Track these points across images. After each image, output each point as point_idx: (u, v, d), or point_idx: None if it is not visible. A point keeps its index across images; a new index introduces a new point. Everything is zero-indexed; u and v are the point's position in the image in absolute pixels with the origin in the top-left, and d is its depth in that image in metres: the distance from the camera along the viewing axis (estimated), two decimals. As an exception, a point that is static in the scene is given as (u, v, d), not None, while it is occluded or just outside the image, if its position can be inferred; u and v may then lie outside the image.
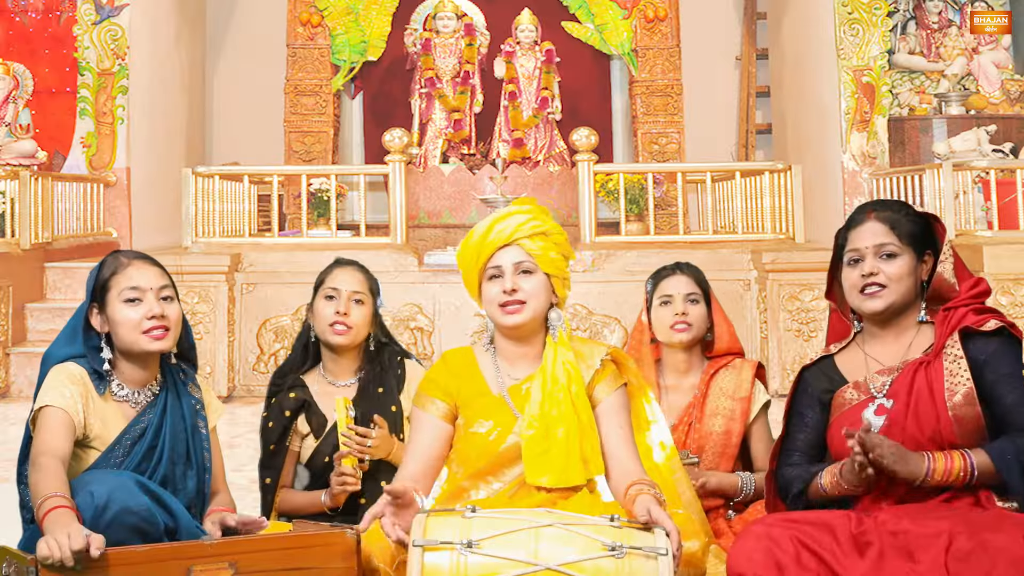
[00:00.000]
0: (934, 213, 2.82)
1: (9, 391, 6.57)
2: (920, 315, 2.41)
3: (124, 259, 2.49)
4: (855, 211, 2.48)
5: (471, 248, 2.44)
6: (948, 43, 8.80)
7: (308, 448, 2.94)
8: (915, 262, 2.38)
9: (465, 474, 2.41)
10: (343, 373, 2.99)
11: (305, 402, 2.93)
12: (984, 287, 2.40)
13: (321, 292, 2.96)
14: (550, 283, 2.43)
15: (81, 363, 2.43)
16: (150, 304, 2.42)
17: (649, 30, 9.68)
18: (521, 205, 2.46)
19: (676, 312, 2.95)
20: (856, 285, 2.38)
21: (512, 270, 2.40)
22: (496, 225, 2.43)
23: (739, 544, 2.20)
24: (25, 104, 8.39)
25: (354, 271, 3.00)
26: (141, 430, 2.42)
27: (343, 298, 2.91)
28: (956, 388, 2.27)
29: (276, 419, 2.92)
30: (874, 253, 2.37)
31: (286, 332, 6.60)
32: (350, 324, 2.90)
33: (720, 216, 8.10)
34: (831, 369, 2.47)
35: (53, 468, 2.19)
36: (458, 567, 1.99)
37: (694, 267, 3.07)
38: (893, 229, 2.38)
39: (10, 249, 6.75)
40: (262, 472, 2.93)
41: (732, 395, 2.94)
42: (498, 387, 2.45)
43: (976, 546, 2.05)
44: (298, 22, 9.71)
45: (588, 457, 2.36)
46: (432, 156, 9.29)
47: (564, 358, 2.41)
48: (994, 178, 6.53)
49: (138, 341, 2.42)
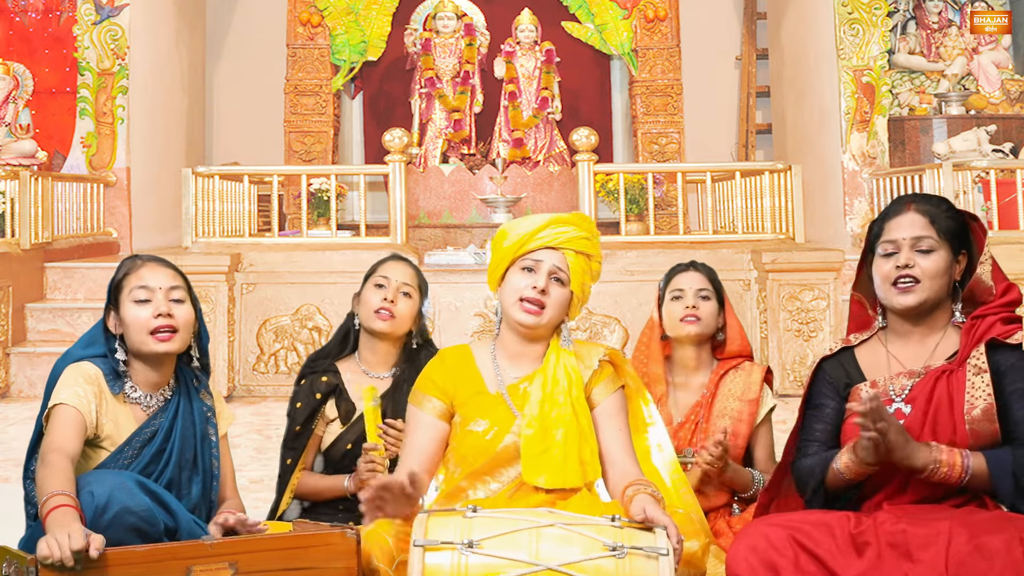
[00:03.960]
0: (973, 212, 2.75)
1: (9, 391, 6.56)
2: (955, 316, 2.35)
3: (139, 260, 2.51)
4: (892, 202, 2.41)
5: (518, 236, 2.43)
6: (948, 43, 8.81)
7: (331, 434, 2.96)
8: (951, 260, 2.31)
9: (463, 474, 2.40)
10: (379, 365, 3.01)
11: (336, 387, 2.96)
12: (1016, 295, 2.32)
13: (371, 280, 2.99)
14: (571, 301, 2.45)
15: (98, 363, 2.44)
16: (158, 304, 2.43)
17: (649, 30, 9.68)
18: (581, 220, 2.47)
19: (687, 305, 2.96)
20: (889, 277, 2.31)
21: (548, 271, 2.41)
22: (554, 226, 2.43)
23: (738, 544, 2.20)
24: (25, 104, 8.39)
25: (406, 266, 3.04)
26: (151, 433, 2.43)
27: (392, 287, 2.95)
28: (976, 403, 2.22)
29: (305, 400, 2.94)
30: (911, 246, 2.30)
31: (286, 332, 6.60)
32: (395, 313, 2.93)
33: (720, 216, 8.10)
34: (850, 362, 2.41)
35: (61, 466, 2.20)
36: (459, 567, 1.99)
37: (708, 267, 3.11)
38: (933, 223, 2.31)
39: (10, 249, 6.75)
40: (284, 452, 2.94)
41: (740, 397, 2.95)
42: (496, 385, 2.45)
43: (975, 547, 2.04)
44: (298, 22, 9.71)
45: (586, 460, 2.36)
46: (432, 156, 9.30)
47: (566, 362, 2.42)
48: (994, 178, 6.54)
49: (146, 342, 2.43)
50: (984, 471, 2.19)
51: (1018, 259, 5.99)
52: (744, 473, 2.87)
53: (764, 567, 2.14)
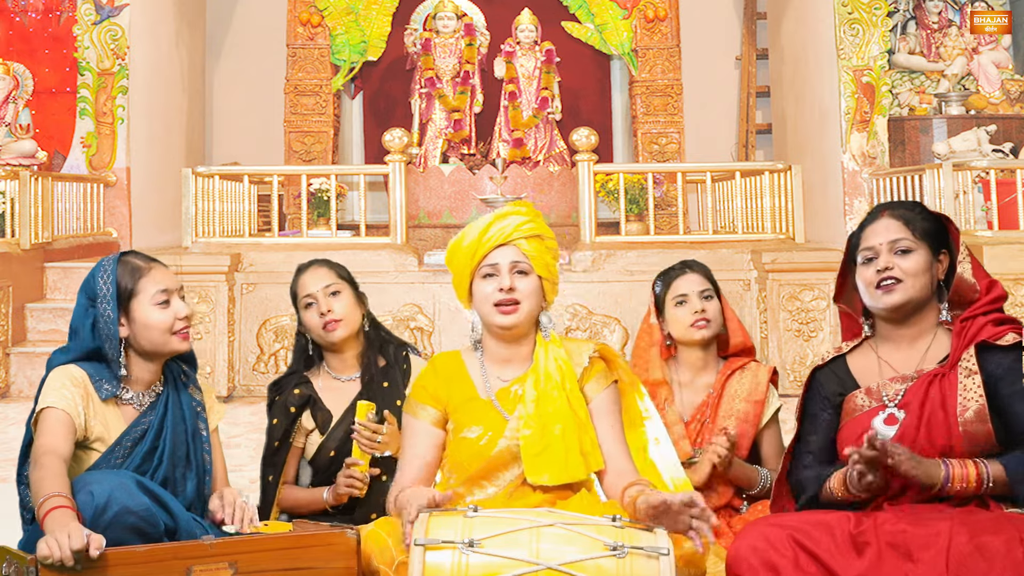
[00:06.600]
0: (946, 214, 2.79)
1: (9, 391, 6.56)
2: (941, 315, 2.37)
3: (140, 263, 2.48)
4: (869, 212, 2.46)
5: (466, 247, 2.44)
6: (948, 43, 8.80)
7: (313, 444, 2.95)
8: (931, 259, 2.35)
9: (459, 480, 2.40)
10: (346, 368, 3.00)
11: (310, 397, 2.95)
12: (1000, 291, 2.36)
13: (300, 304, 2.99)
14: (542, 286, 2.44)
15: (83, 366, 2.43)
16: (177, 305, 2.45)
17: (649, 30, 9.68)
18: (518, 207, 2.47)
19: (695, 310, 2.94)
20: (872, 281, 2.34)
21: (508, 269, 2.40)
22: (495, 224, 2.43)
23: (738, 544, 2.20)
24: (25, 104, 8.39)
25: (316, 269, 3.02)
26: (141, 432, 2.42)
27: (320, 299, 2.94)
28: (968, 404, 2.24)
29: (281, 416, 2.94)
30: (889, 249, 2.34)
31: (286, 332, 6.60)
32: (339, 316, 2.92)
33: (720, 216, 8.10)
34: (843, 371, 2.43)
35: (54, 468, 2.19)
36: (459, 566, 1.99)
37: (701, 264, 3.07)
38: (907, 225, 2.35)
39: (10, 249, 6.75)
40: (264, 469, 2.94)
41: (747, 398, 2.94)
42: (486, 391, 2.44)
43: (975, 547, 2.04)
44: (298, 22, 9.71)
45: (587, 451, 2.36)
46: (432, 156, 9.29)
47: (556, 355, 2.42)
48: (994, 178, 6.53)
49: (169, 342, 2.44)
50: (1003, 477, 2.20)
51: (1018, 259, 5.98)
52: (750, 470, 2.85)
53: (764, 567, 2.14)
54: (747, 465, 2.86)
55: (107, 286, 2.43)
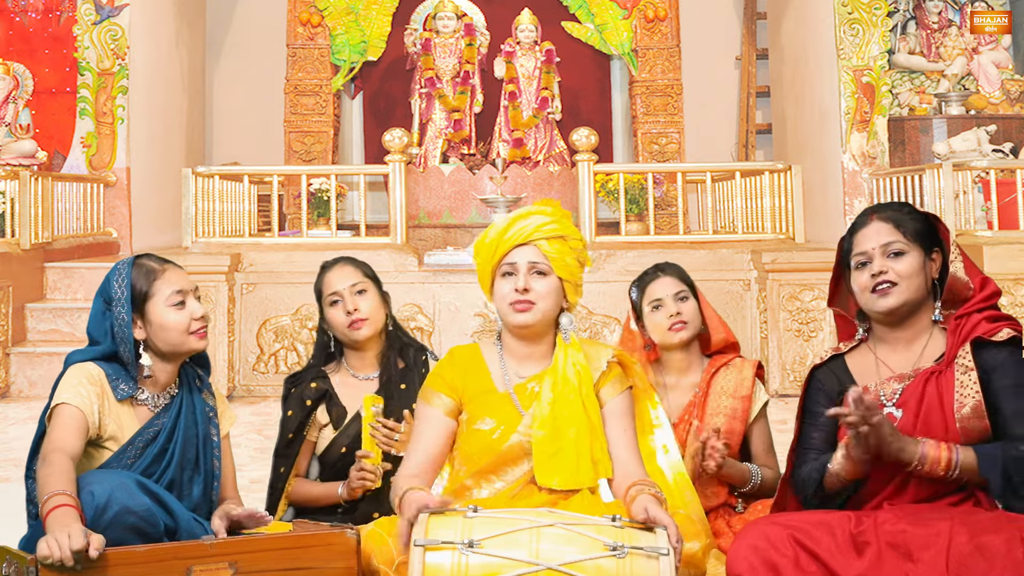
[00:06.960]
0: (934, 213, 2.80)
1: (9, 391, 6.56)
2: (934, 315, 2.38)
3: (155, 265, 2.49)
4: (857, 216, 2.47)
5: (489, 244, 2.45)
6: (948, 43, 8.80)
7: (325, 439, 2.95)
8: (923, 259, 2.36)
9: (468, 472, 2.41)
10: (365, 367, 3.01)
11: (326, 392, 2.96)
12: (993, 288, 2.37)
13: (325, 302, 3.00)
14: (562, 287, 2.44)
15: (101, 365, 2.43)
16: (193, 306, 2.47)
17: (649, 30, 9.68)
18: (543, 206, 2.47)
19: (670, 314, 2.95)
20: (867, 286, 2.35)
21: (526, 269, 2.41)
22: (516, 223, 2.43)
23: (738, 544, 2.20)
24: (25, 104, 8.39)
25: (343, 267, 3.03)
26: (154, 433, 2.43)
27: (347, 297, 2.94)
28: (965, 401, 2.25)
29: (296, 408, 2.94)
30: (882, 253, 2.34)
31: (286, 332, 6.60)
32: (365, 315, 2.93)
33: (720, 216, 8.10)
34: (841, 370, 2.44)
35: (62, 465, 2.20)
36: (459, 567, 1.99)
37: (675, 265, 3.08)
38: (898, 227, 2.36)
39: (10, 249, 6.75)
40: (276, 460, 2.94)
41: (733, 394, 2.94)
42: (504, 384, 2.45)
43: (975, 547, 2.04)
44: (298, 22, 9.71)
45: (598, 459, 2.37)
46: (432, 156, 9.29)
47: (575, 360, 2.42)
48: (994, 178, 6.53)
49: (187, 342, 2.46)
50: (973, 466, 2.20)
51: (1018, 259, 5.98)
52: (741, 467, 2.86)
53: (764, 566, 2.14)
54: (737, 463, 2.86)
55: (122, 289, 2.45)
